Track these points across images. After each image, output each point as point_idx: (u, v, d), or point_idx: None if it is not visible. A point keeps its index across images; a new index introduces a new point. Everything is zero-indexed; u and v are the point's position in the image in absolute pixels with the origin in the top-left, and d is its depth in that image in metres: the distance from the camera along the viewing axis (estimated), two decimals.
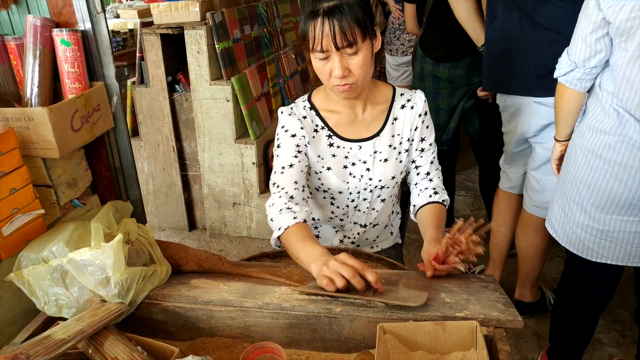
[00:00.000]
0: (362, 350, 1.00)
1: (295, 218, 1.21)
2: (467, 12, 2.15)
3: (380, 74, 4.34)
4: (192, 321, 1.10)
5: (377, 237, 1.57)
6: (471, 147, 2.82)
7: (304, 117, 1.38)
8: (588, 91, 1.48)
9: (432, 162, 1.43)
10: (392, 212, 1.58)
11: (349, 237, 1.52)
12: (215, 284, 1.14)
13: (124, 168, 1.62)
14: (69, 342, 0.90)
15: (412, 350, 0.95)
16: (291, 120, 1.36)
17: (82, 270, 1.04)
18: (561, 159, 1.62)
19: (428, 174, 1.42)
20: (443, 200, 1.37)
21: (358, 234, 1.51)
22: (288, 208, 1.24)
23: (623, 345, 2.09)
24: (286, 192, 1.28)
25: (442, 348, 0.95)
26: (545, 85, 1.79)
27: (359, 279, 0.99)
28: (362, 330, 1.03)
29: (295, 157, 1.34)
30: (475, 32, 2.17)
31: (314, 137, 1.38)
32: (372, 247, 1.58)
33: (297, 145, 1.35)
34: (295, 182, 1.31)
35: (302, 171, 1.34)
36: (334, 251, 1.29)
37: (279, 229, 1.21)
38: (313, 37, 1.18)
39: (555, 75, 1.50)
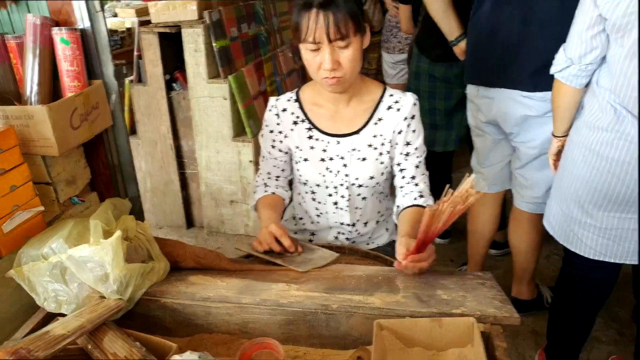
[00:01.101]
0: (359, 347, 1.01)
1: (266, 192, 1.47)
2: (442, 7, 2.15)
3: (377, 72, 4.34)
4: (190, 317, 1.10)
5: (372, 234, 1.57)
6: (467, 146, 2.83)
7: (284, 110, 1.43)
8: (585, 88, 1.49)
9: (417, 167, 1.40)
10: (386, 208, 1.57)
11: (343, 234, 1.53)
12: (213, 281, 1.15)
13: (122, 166, 1.62)
14: (69, 338, 0.91)
15: (409, 347, 0.96)
16: (270, 115, 1.46)
17: (81, 267, 1.04)
18: (559, 154, 1.63)
19: (413, 177, 1.40)
20: (427, 205, 1.35)
21: (350, 232, 1.52)
22: (264, 184, 1.50)
23: (621, 344, 2.10)
24: (262, 179, 1.53)
25: (439, 344, 0.96)
26: (536, 81, 1.76)
27: (276, 244, 1.23)
28: (359, 326, 1.04)
29: (270, 152, 1.49)
30: (449, 27, 2.17)
31: (292, 129, 1.43)
32: (367, 244, 1.58)
33: (273, 140, 1.47)
34: (269, 173, 1.52)
35: (274, 166, 1.51)
36: (330, 248, 1.31)
37: (254, 201, 1.49)
38: (306, 28, 1.19)
39: (551, 72, 1.51)
